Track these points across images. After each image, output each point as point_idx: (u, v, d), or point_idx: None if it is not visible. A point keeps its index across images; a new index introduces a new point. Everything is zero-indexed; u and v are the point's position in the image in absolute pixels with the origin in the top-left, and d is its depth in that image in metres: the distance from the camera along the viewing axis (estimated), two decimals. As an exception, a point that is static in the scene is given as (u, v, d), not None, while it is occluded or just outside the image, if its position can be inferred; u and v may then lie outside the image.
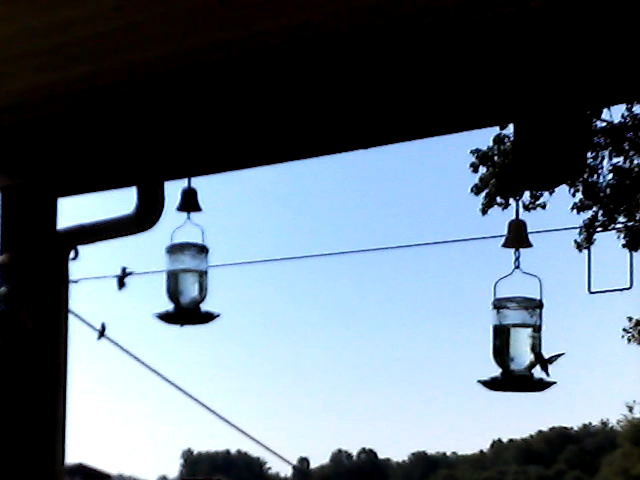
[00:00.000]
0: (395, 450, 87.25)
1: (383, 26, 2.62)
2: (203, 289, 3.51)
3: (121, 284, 3.85)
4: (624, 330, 16.39)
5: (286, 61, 2.84)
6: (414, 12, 2.56)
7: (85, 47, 2.84)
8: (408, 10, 2.56)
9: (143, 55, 2.89)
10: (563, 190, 13.33)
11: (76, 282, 3.75)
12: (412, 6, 2.54)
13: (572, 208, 13.57)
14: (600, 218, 13.57)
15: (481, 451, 73.94)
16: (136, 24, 2.70)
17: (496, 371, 2.82)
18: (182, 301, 3.49)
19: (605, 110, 12.40)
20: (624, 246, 12.99)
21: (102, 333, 3.75)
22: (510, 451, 71.36)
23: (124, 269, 3.88)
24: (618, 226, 13.42)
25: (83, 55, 2.89)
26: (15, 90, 3.16)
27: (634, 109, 13.16)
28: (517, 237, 2.91)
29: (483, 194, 13.92)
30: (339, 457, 79.89)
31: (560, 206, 13.76)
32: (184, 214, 3.52)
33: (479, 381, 2.79)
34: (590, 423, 68.84)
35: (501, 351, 2.83)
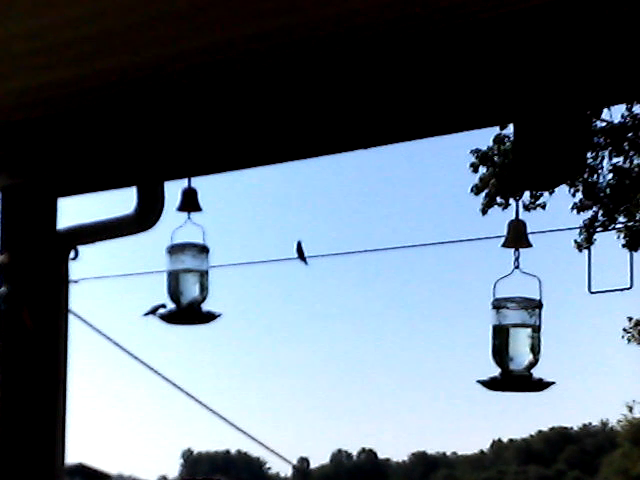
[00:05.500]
0: (395, 450, 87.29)
1: (383, 27, 2.62)
2: (204, 289, 3.51)
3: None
4: (624, 330, 16.38)
5: (286, 61, 2.85)
6: (414, 13, 2.57)
7: (85, 47, 2.84)
8: (408, 11, 2.56)
9: (143, 55, 2.89)
10: (563, 190, 13.31)
11: (76, 282, 3.75)
12: (412, 7, 2.54)
13: (572, 208, 13.56)
14: (600, 218, 13.55)
15: (481, 451, 73.91)
16: (136, 25, 2.70)
17: (495, 371, 2.83)
18: (183, 301, 3.49)
19: (605, 110, 12.39)
20: (624, 246, 12.96)
21: (154, 311, 3.54)
22: (510, 451, 71.29)
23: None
24: (618, 226, 13.40)
25: (83, 55, 2.89)
26: (15, 90, 3.17)
27: (634, 109, 13.14)
28: (517, 237, 2.91)
29: (483, 194, 13.89)
30: (339, 457, 79.81)
31: (560, 206, 13.75)
32: (184, 214, 3.52)
33: (478, 381, 2.79)
34: (590, 423, 68.81)
35: (500, 351, 2.83)
